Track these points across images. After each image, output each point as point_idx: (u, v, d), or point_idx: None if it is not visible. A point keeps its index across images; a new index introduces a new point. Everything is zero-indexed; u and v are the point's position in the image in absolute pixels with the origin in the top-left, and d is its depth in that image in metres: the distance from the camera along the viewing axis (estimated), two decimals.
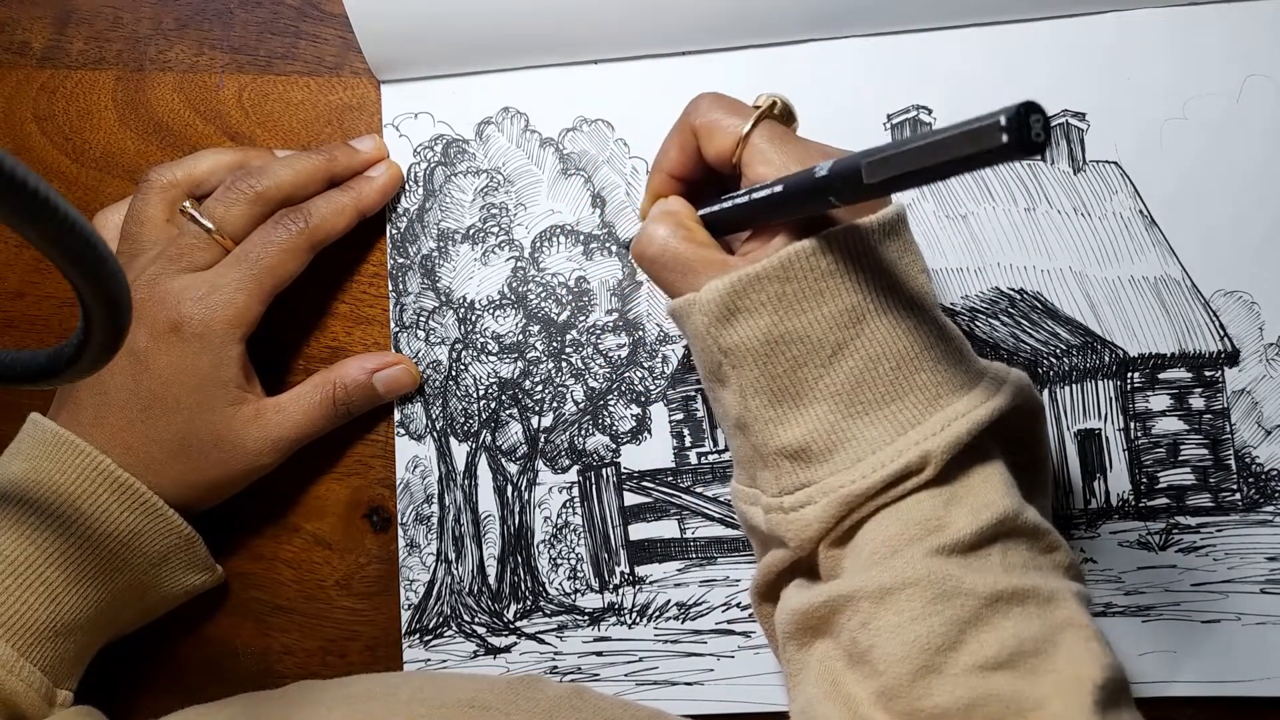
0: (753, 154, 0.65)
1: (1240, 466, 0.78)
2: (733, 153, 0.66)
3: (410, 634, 0.81)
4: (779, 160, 0.63)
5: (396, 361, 0.81)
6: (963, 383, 0.61)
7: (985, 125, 0.46)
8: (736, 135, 0.65)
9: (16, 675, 0.68)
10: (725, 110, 0.67)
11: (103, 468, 0.71)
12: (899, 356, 0.60)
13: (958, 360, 0.61)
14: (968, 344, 0.63)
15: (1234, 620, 0.76)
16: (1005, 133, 0.45)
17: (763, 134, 0.65)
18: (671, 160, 0.71)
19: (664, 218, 0.67)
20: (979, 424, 0.59)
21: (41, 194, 0.40)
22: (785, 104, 0.68)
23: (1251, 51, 0.78)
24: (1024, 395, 0.62)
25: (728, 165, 0.66)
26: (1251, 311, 0.78)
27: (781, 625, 0.63)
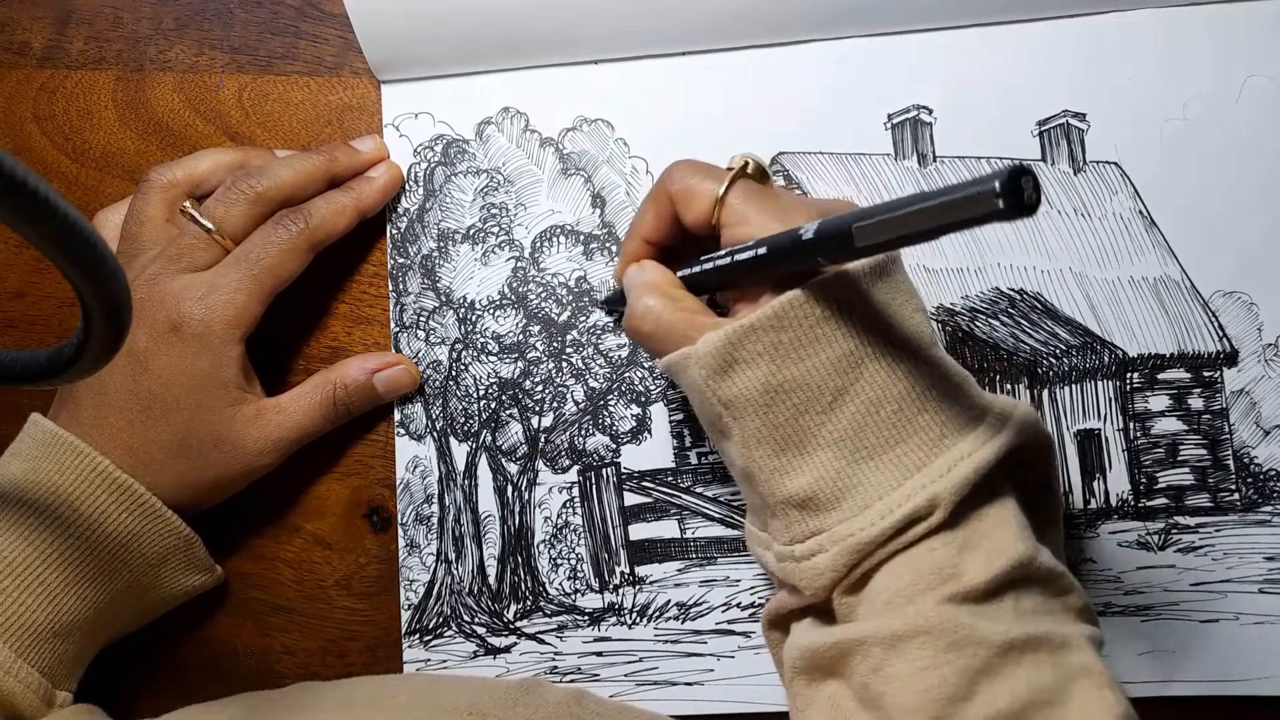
0: (731, 215, 0.65)
1: (1239, 467, 0.78)
2: (711, 215, 0.66)
3: (410, 634, 0.81)
4: (757, 220, 0.64)
5: (397, 362, 0.81)
6: (966, 421, 0.61)
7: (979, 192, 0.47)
8: (713, 198, 0.66)
9: (14, 676, 0.68)
10: (700, 175, 0.67)
11: (101, 469, 0.71)
12: (900, 399, 0.60)
13: (960, 398, 0.61)
14: (971, 379, 0.63)
15: (1233, 620, 0.76)
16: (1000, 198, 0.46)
17: (739, 194, 0.66)
18: (648, 227, 0.71)
19: (648, 290, 0.68)
20: (985, 464, 0.59)
21: (41, 194, 0.40)
22: (758, 163, 0.68)
23: (1251, 52, 0.78)
24: (1029, 431, 0.62)
25: (706, 228, 0.67)
26: (1250, 312, 0.78)
27: (790, 659, 0.63)
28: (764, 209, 0.64)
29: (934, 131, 0.80)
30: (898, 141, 0.80)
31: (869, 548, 0.59)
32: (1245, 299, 0.78)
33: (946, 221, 0.49)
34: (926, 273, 0.79)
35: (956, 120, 0.80)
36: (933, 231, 0.50)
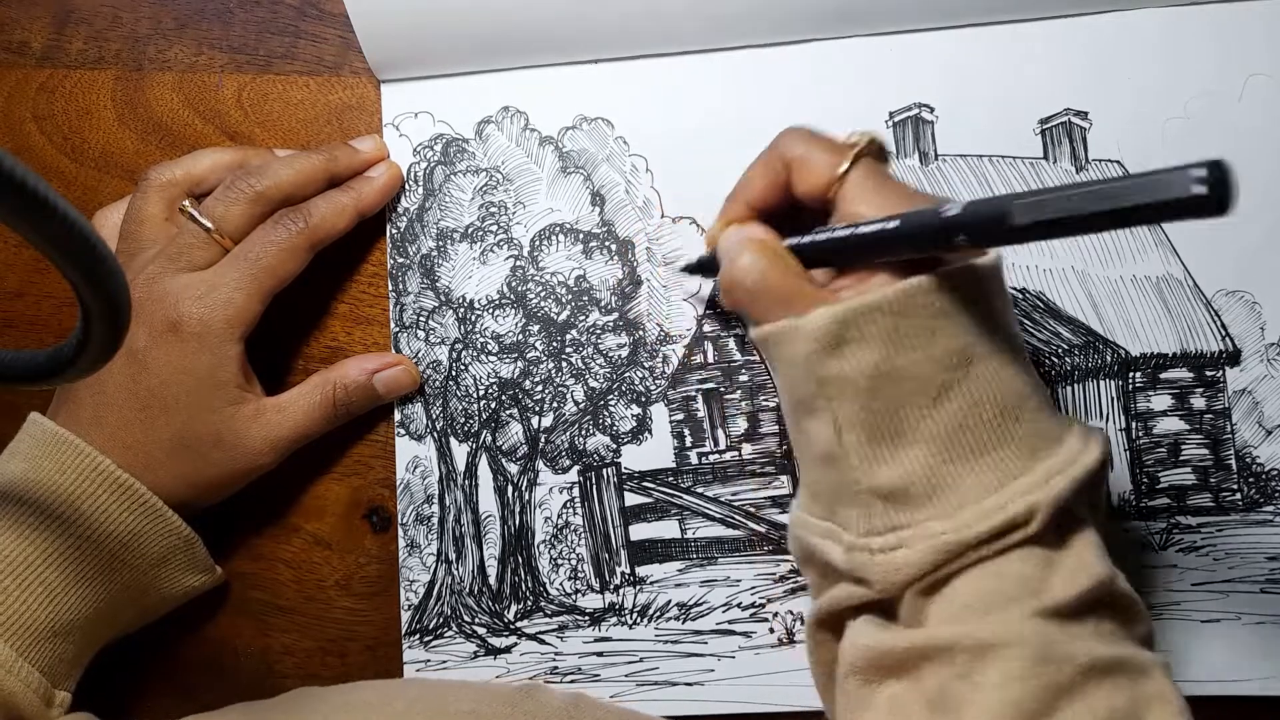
0: (850, 191, 0.63)
1: (1241, 466, 0.77)
2: (828, 189, 0.64)
3: (410, 634, 0.81)
4: (877, 200, 0.62)
5: (397, 362, 0.81)
6: (1058, 435, 0.60)
7: (1174, 176, 0.45)
8: (834, 172, 0.64)
9: (15, 675, 0.68)
10: (822, 147, 0.65)
11: (102, 468, 0.71)
12: (1002, 403, 0.59)
13: (1052, 411, 0.61)
14: (1051, 400, 0.62)
15: (1234, 620, 0.76)
16: (1203, 184, 0.44)
17: (861, 172, 0.64)
18: (755, 190, 0.69)
19: (756, 246, 0.66)
20: (1083, 477, 0.58)
21: (41, 194, 0.40)
22: (880, 143, 0.66)
23: (1253, 51, 0.78)
24: (1109, 451, 0.62)
25: (819, 201, 0.65)
26: (1253, 311, 0.77)
27: (849, 659, 0.62)
28: (883, 192, 0.63)
29: (935, 130, 0.80)
30: (899, 140, 0.80)
31: (959, 549, 0.58)
32: (1248, 298, 0.77)
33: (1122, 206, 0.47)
34: None
35: (958, 119, 0.80)
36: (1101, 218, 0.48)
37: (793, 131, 0.68)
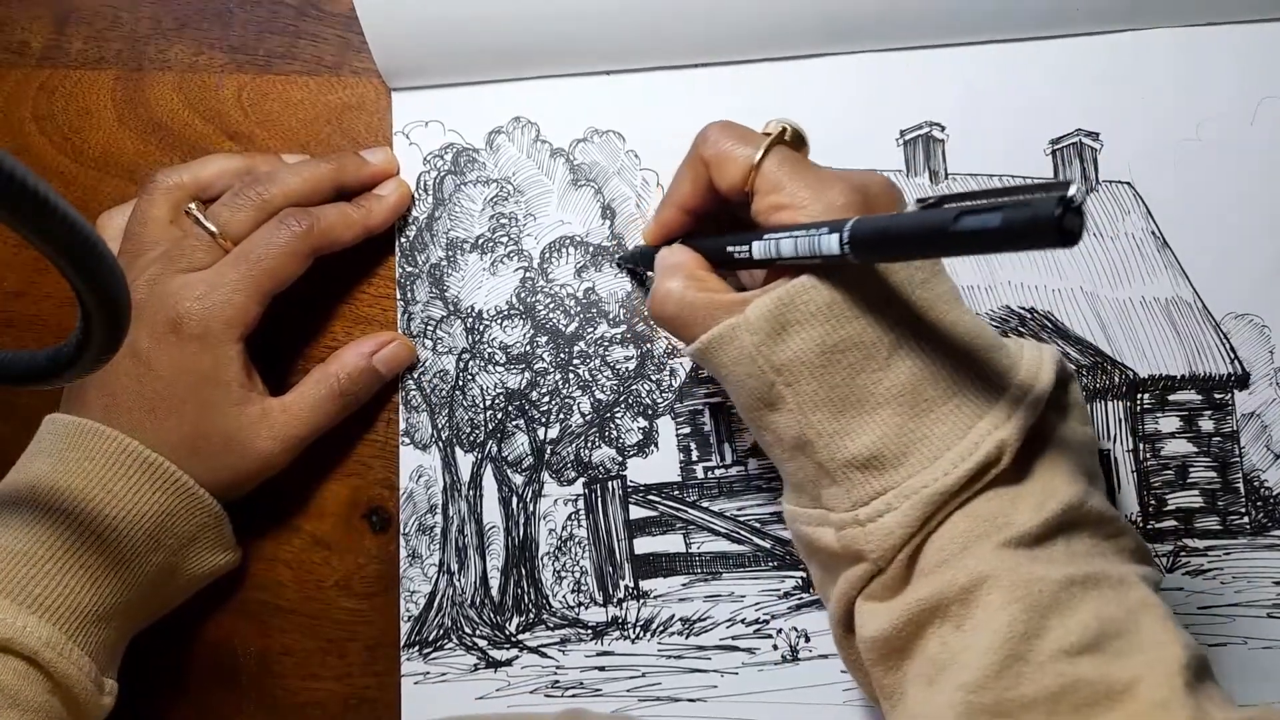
0: (765, 182, 0.64)
1: (1249, 490, 0.78)
2: (745, 182, 0.65)
3: (410, 646, 0.80)
4: (790, 188, 0.63)
5: (391, 339, 0.81)
6: (1009, 368, 0.61)
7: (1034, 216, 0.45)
8: (749, 163, 0.65)
9: (68, 659, 0.67)
10: (735, 139, 0.66)
11: (131, 449, 0.71)
12: (954, 348, 0.60)
13: (1000, 348, 0.61)
14: (996, 333, 0.63)
15: (1240, 644, 0.77)
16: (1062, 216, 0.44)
17: (774, 161, 0.64)
18: (683, 193, 0.70)
19: (673, 272, 0.68)
20: (1039, 405, 0.59)
21: (41, 194, 0.40)
22: (796, 129, 0.67)
23: (1266, 73, 0.79)
24: (1062, 363, 0.62)
25: (740, 194, 0.66)
26: (1262, 335, 0.78)
27: (866, 656, 0.62)
28: (799, 178, 0.63)
29: (946, 148, 0.80)
30: (909, 158, 0.80)
31: (943, 498, 0.58)
32: (1257, 321, 0.78)
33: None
34: None
35: (969, 137, 0.80)
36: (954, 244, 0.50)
37: (710, 128, 0.68)
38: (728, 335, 0.62)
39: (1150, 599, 0.57)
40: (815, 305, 0.60)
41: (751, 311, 0.61)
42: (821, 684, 0.78)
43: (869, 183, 0.63)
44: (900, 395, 0.60)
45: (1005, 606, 0.55)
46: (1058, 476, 0.59)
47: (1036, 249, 0.48)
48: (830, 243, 0.57)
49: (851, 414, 0.61)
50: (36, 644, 0.66)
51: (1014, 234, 0.46)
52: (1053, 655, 0.54)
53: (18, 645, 0.65)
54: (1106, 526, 0.60)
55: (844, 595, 0.63)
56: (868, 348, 0.60)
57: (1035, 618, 0.55)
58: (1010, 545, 0.57)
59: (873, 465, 0.60)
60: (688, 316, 0.65)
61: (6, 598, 0.67)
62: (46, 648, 0.66)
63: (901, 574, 0.60)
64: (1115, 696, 0.53)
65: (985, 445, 0.58)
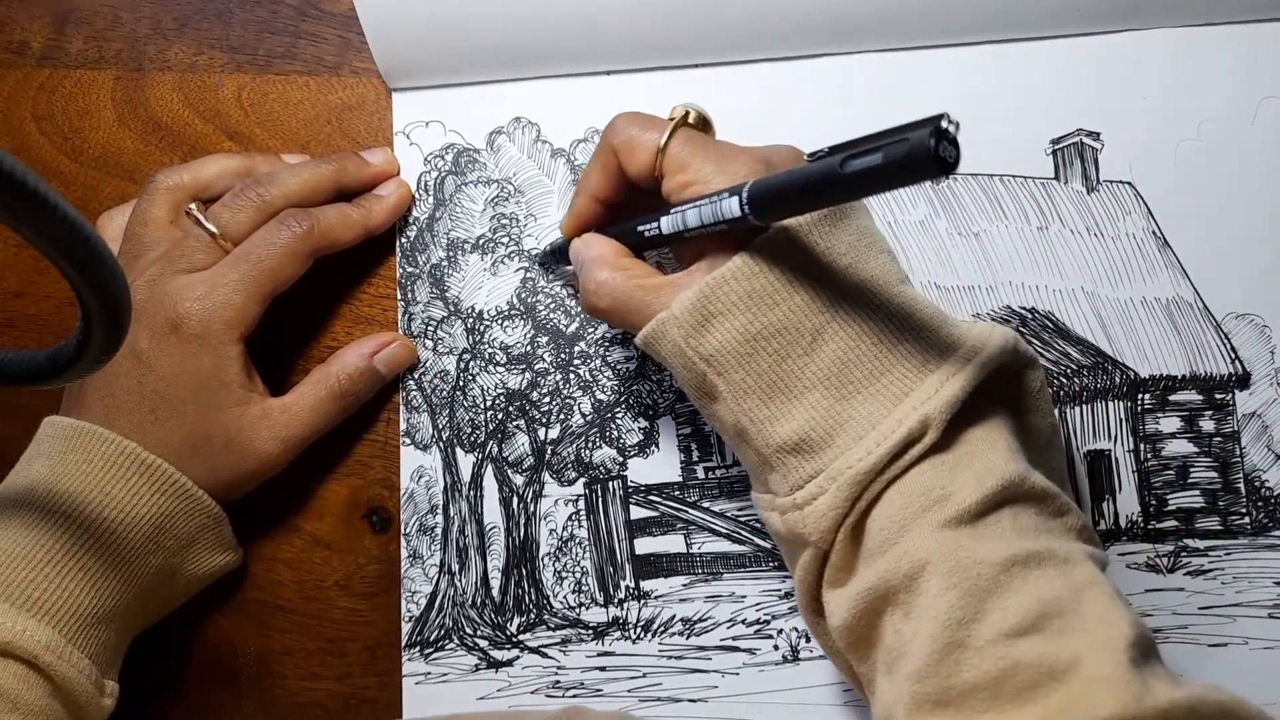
0: (671, 163, 0.66)
1: (1249, 490, 0.78)
2: (653, 166, 0.67)
3: (410, 646, 0.80)
4: (695, 165, 0.64)
5: (391, 340, 0.81)
6: (947, 345, 0.61)
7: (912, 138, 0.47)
8: (654, 147, 0.66)
9: (68, 662, 0.67)
10: (641, 126, 0.68)
11: (129, 452, 0.71)
12: (878, 332, 0.61)
13: (938, 327, 0.62)
14: (948, 316, 0.63)
15: (1241, 644, 0.77)
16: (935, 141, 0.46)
17: (679, 142, 0.66)
18: (595, 183, 0.71)
19: (598, 265, 0.69)
20: (971, 381, 0.59)
21: (41, 194, 0.40)
22: (700, 113, 0.69)
23: (1267, 74, 0.79)
24: (1011, 349, 0.62)
25: (649, 179, 0.67)
26: (1263, 335, 0.78)
27: (839, 643, 0.63)
28: (703, 155, 0.65)
29: None
30: None
31: (868, 477, 0.59)
32: (1258, 321, 0.78)
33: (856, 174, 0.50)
34: (937, 290, 0.79)
35: (969, 137, 0.79)
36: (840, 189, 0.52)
37: (617, 118, 0.70)
38: (660, 330, 0.64)
39: (1096, 576, 0.57)
40: (736, 295, 0.61)
41: (676, 305, 0.62)
42: (822, 684, 0.78)
43: (772, 154, 0.65)
44: (827, 378, 0.61)
45: (943, 593, 0.55)
46: (996, 453, 0.59)
47: (919, 181, 0.49)
48: (731, 206, 0.58)
49: (781, 399, 0.62)
50: (36, 647, 0.66)
51: (895, 168, 0.48)
52: (992, 639, 0.54)
53: (17, 649, 0.65)
54: (1051, 503, 0.60)
55: (802, 581, 0.64)
56: (791, 333, 0.61)
57: (973, 602, 0.55)
58: (951, 525, 0.57)
59: (803, 449, 0.61)
60: (621, 306, 0.67)
61: (6, 601, 0.67)
62: (46, 651, 0.66)
63: (847, 556, 0.61)
64: (1058, 676, 0.52)
65: (908, 421, 0.58)
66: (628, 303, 0.66)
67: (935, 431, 0.58)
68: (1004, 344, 0.61)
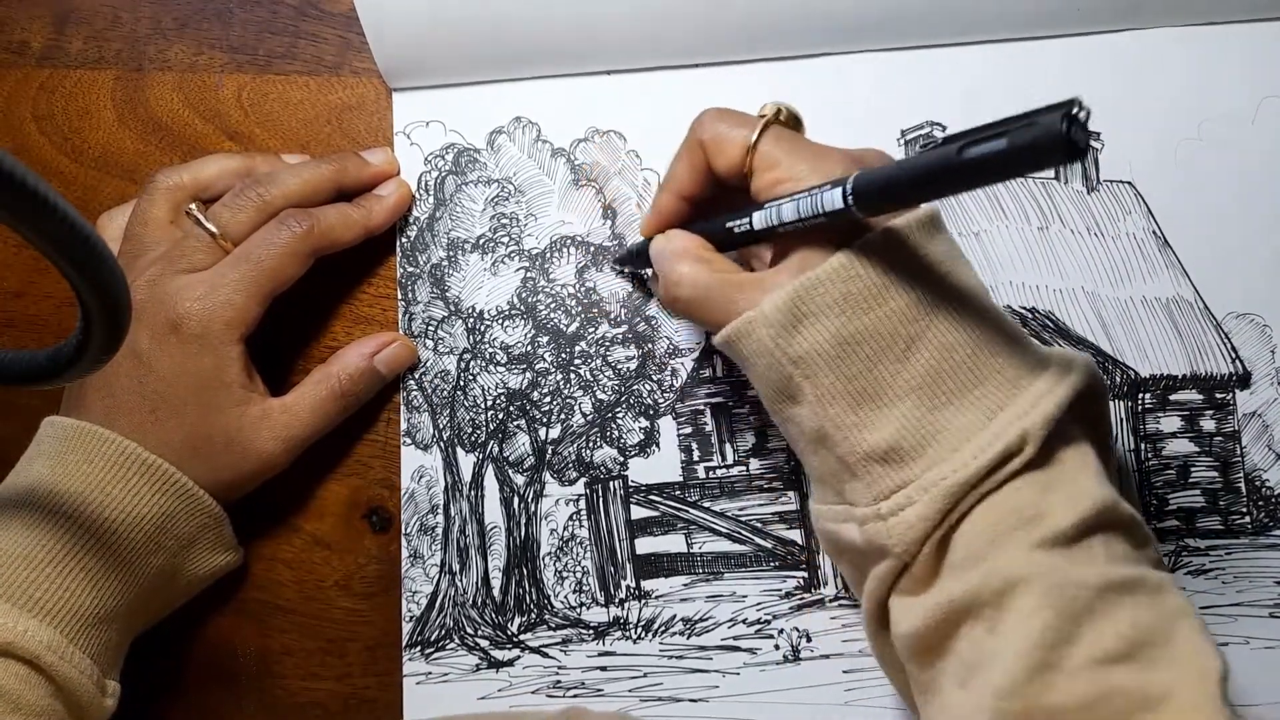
0: (762, 161, 0.64)
1: (1250, 490, 0.78)
2: (743, 163, 0.65)
3: (411, 646, 0.80)
4: (787, 163, 0.63)
5: (392, 340, 0.81)
6: (1037, 363, 0.60)
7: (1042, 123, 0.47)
8: (745, 144, 0.65)
9: (69, 662, 0.67)
10: (731, 122, 0.67)
11: (129, 452, 0.71)
12: (973, 343, 0.60)
13: (1027, 344, 0.61)
14: (1027, 334, 0.62)
15: (1242, 644, 0.76)
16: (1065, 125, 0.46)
17: (770, 140, 0.65)
18: (680, 180, 0.70)
19: (681, 257, 0.68)
20: (1067, 398, 0.58)
21: (41, 194, 0.40)
22: (791, 111, 0.67)
23: (1268, 73, 0.79)
24: (1094, 374, 0.62)
25: (738, 176, 0.66)
26: (1263, 334, 0.78)
27: (901, 650, 0.62)
28: (796, 154, 0.64)
29: None
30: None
31: (963, 490, 0.58)
32: (1259, 321, 0.78)
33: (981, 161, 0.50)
34: None
35: None
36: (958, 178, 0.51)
37: (706, 113, 0.69)
38: (745, 329, 0.62)
39: (1186, 608, 0.56)
40: (831, 297, 0.60)
41: (767, 304, 0.61)
42: (823, 684, 0.78)
43: (866, 155, 0.64)
44: (920, 386, 0.59)
45: (1038, 611, 0.54)
46: (1088, 476, 0.59)
47: (1046, 168, 0.49)
48: (833, 198, 0.57)
49: (870, 406, 0.60)
50: (38, 647, 0.66)
51: (1022, 155, 0.47)
52: (1085, 663, 0.53)
53: (19, 649, 0.65)
54: (1138, 531, 0.60)
55: (874, 593, 0.63)
56: (885, 339, 0.59)
57: (1068, 624, 0.54)
58: (1045, 546, 0.56)
59: (892, 458, 0.60)
60: (703, 299, 0.66)
61: (7, 601, 0.66)
62: (48, 651, 0.66)
63: (929, 568, 0.60)
64: (1151, 706, 0.52)
65: (1007, 435, 0.57)
66: (709, 294, 0.65)
67: (1033, 447, 0.57)
68: (1088, 366, 0.61)
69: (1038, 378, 0.59)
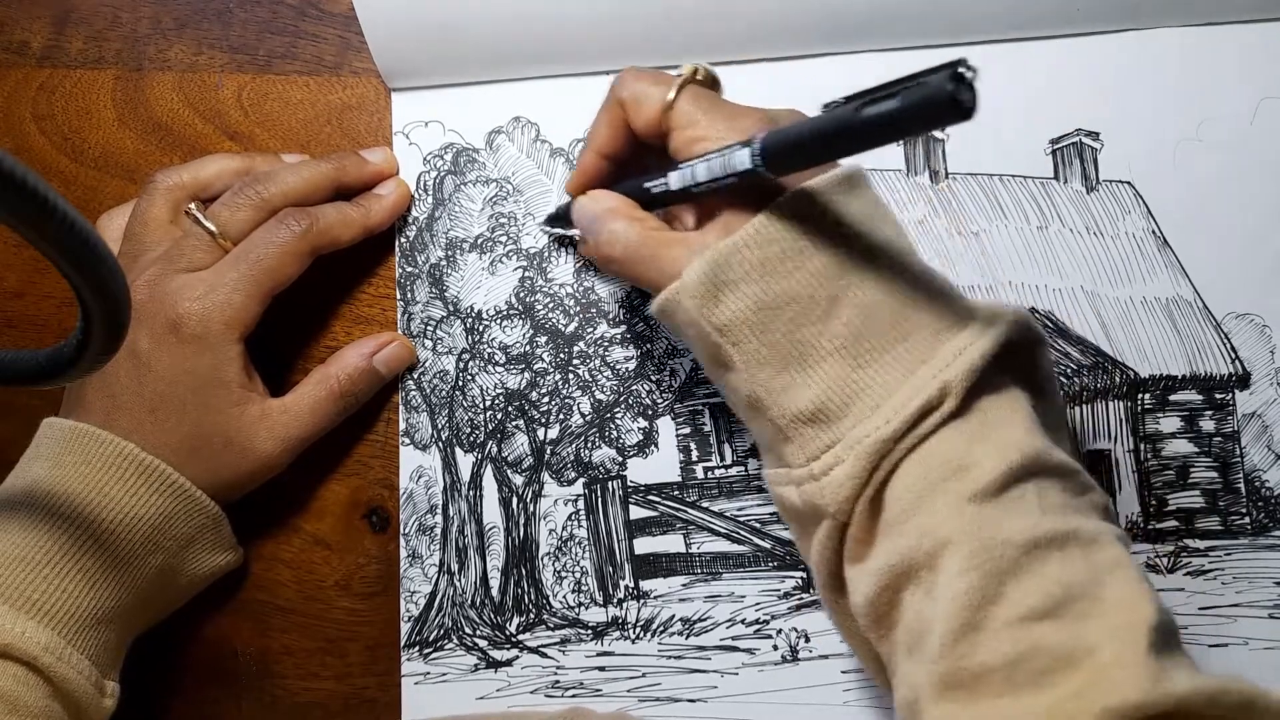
0: (680, 118, 0.65)
1: (1250, 490, 0.78)
2: (660, 121, 0.66)
3: (410, 646, 0.80)
4: (705, 122, 0.64)
5: (391, 340, 0.81)
6: (963, 316, 0.60)
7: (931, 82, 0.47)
8: (663, 102, 0.66)
9: (67, 663, 0.67)
10: (650, 81, 0.67)
11: (127, 453, 0.71)
12: (893, 299, 0.60)
13: (953, 298, 0.61)
14: (955, 288, 0.62)
15: (1242, 645, 0.76)
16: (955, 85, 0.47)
17: (688, 98, 0.66)
18: (601, 139, 0.71)
19: (609, 216, 0.69)
20: (990, 349, 0.58)
21: (42, 194, 0.40)
22: (709, 71, 0.68)
23: (1266, 74, 0.79)
24: (1026, 323, 0.62)
25: (657, 135, 0.67)
26: (1263, 335, 0.78)
27: (860, 621, 0.62)
28: (712, 112, 0.65)
29: (946, 148, 0.80)
30: (910, 157, 0.80)
31: (886, 446, 0.58)
32: (1258, 321, 0.78)
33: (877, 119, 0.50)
34: None
35: (969, 137, 0.80)
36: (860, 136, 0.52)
37: (626, 72, 0.69)
38: (673, 300, 0.63)
39: (1122, 558, 0.56)
40: (750, 263, 0.60)
41: (688, 275, 0.62)
42: (822, 684, 0.77)
43: (779, 114, 0.65)
44: (843, 346, 0.60)
45: (964, 573, 0.55)
46: (1017, 426, 0.59)
47: (937, 127, 0.50)
48: (742, 158, 0.58)
49: (796, 369, 0.61)
50: (36, 649, 0.66)
51: (914, 113, 0.48)
52: (1010, 621, 0.54)
53: (17, 650, 0.65)
54: (1075, 479, 0.60)
55: (820, 557, 0.63)
56: (806, 301, 0.60)
57: (993, 583, 0.54)
58: (975, 500, 0.56)
59: (820, 418, 0.61)
60: (634, 256, 0.67)
61: (4, 603, 0.67)
62: (46, 653, 0.66)
63: (865, 528, 0.60)
64: (1075, 661, 0.52)
65: (927, 388, 0.58)
66: (640, 250, 0.66)
67: (954, 399, 0.57)
68: (1018, 316, 0.61)
69: (962, 331, 0.60)
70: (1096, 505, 0.60)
